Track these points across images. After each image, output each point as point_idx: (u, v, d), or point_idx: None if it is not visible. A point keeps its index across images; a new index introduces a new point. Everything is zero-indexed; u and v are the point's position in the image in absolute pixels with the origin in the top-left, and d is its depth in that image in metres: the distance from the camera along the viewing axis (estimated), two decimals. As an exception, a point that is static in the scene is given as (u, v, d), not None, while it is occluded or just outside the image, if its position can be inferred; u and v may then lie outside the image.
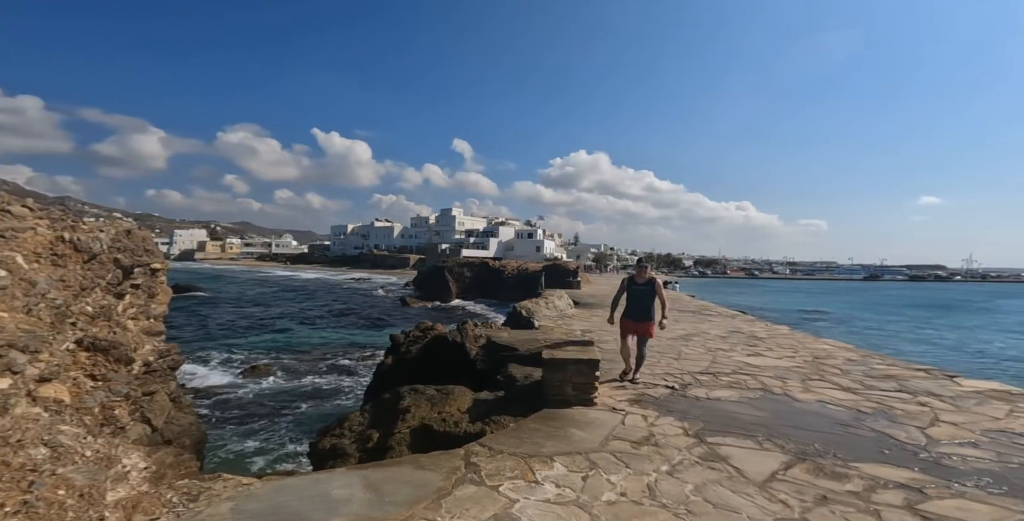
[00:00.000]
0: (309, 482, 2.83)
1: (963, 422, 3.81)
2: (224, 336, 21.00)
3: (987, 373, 14.03)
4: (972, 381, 5.25)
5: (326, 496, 2.64)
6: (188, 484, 2.55)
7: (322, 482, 2.82)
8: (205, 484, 2.60)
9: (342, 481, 2.83)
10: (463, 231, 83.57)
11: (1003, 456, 3.11)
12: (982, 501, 2.53)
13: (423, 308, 34.22)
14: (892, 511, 2.45)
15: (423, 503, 2.59)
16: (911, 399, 4.49)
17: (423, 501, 2.61)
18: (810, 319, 32.04)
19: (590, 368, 4.14)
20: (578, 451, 3.29)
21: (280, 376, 14.08)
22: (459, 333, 8.19)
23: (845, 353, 7.09)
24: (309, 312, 30.46)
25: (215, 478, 2.74)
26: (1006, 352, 21.06)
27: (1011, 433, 3.53)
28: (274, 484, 2.76)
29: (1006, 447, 3.26)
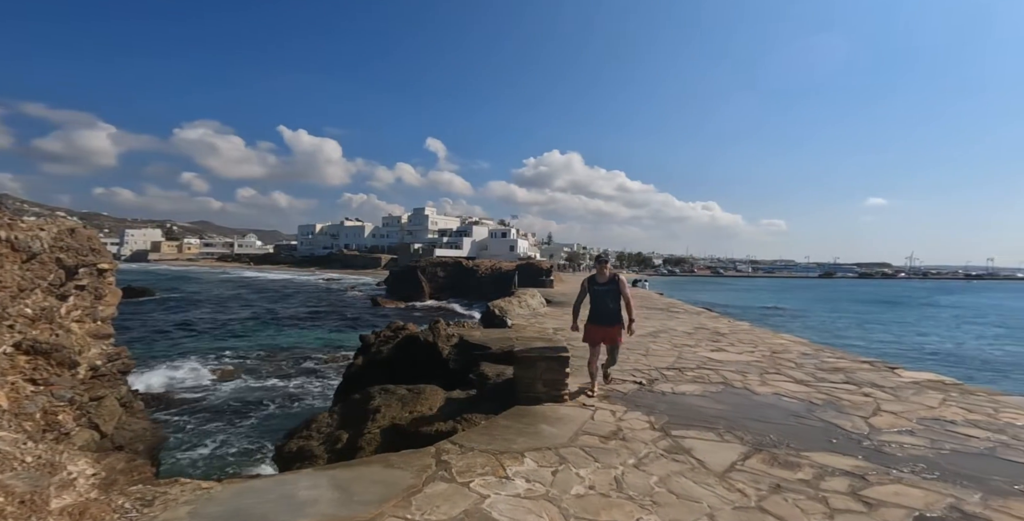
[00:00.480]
0: (273, 484, 2.76)
1: (902, 411, 4.08)
2: (186, 339, 20.07)
3: (924, 364, 15.03)
4: (911, 372, 5.64)
5: (291, 497, 2.58)
6: (142, 489, 2.44)
7: (287, 484, 2.75)
8: (160, 489, 2.50)
9: (308, 482, 2.77)
10: (436, 231, 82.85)
11: (936, 443, 3.35)
12: (916, 486, 2.72)
13: (395, 308, 33.70)
14: (838, 497, 2.61)
15: (393, 501, 2.57)
16: (857, 390, 4.78)
17: (393, 499, 2.59)
18: (769, 315, 33.45)
19: (560, 365, 4.20)
20: (548, 446, 3.34)
21: (245, 379, 13.58)
22: (431, 333, 8.13)
23: (800, 347, 7.46)
24: (276, 313, 29.48)
25: (171, 483, 2.63)
26: (942, 344, 22.65)
27: (943, 421, 3.81)
28: (236, 487, 2.68)
29: (939, 434, 3.52)
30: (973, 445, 3.29)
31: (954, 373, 6.29)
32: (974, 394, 4.62)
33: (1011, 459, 3.05)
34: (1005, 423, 3.72)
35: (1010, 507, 2.44)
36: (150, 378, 13.10)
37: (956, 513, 2.40)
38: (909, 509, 2.45)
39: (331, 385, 12.25)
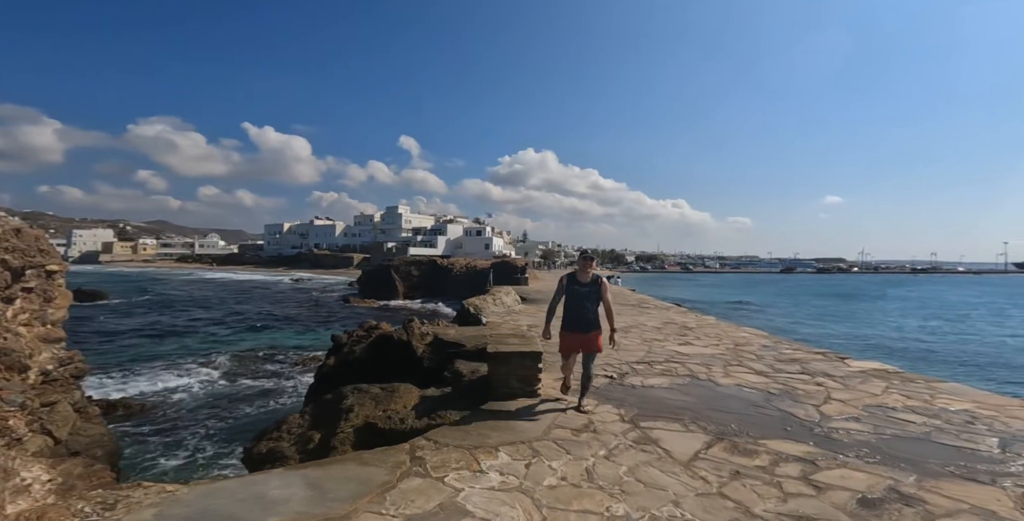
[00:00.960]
0: (243, 484, 2.72)
1: (849, 399, 4.37)
2: (149, 344, 19.17)
3: (873, 353, 15.97)
4: (858, 362, 6.02)
5: (262, 497, 2.56)
6: (103, 494, 2.37)
7: (257, 484, 2.72)
8: (123, 492, 2.43)
9: (280, 482, 2.75)
10: (410, 229, 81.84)
11: (878, 428, 3.61)
12: (860, 470, 2.92)
13: (368, 308, 33.16)
14: (791, 482, 2.78)
15: (367, 497, 2.59)
16: (810, 380, 5.08)
17: (367, 495, 2.61)
18: (735, 309, 34.72)
19: (533, 360, 4.29)
20: (522, 440, 3.41)
21: (212, 382, 13.13)
22: (405, 332, 8.07)
23: (760, 340, 7.83)
24: (244, 315, 28.51)
25: (134, 487, 2.56)
26: (888, 334, 24.12)
27: (886, 408, 4.11)
28: (203, 488, 2.63)
29: (881, 420, 3.79)
30: (911, 430, 3.57)
31: (897, 361, 6.76)
32: (913, 381, 4.99)
33: (944, 442, 3.32)
34: (939, 408, 4.04)
35: (941, 487, 2.66)
36: (113, 383, 12.49)
37: (894, 494, 2.60)
38: (853, 491, 2.64)
39: (302, 386, 11.99)
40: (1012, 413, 3.86)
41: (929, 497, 2.56)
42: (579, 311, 4.02)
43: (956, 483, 2.70)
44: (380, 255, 63.02)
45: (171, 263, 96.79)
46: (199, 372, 14.04)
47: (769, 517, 2.40)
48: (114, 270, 77.01)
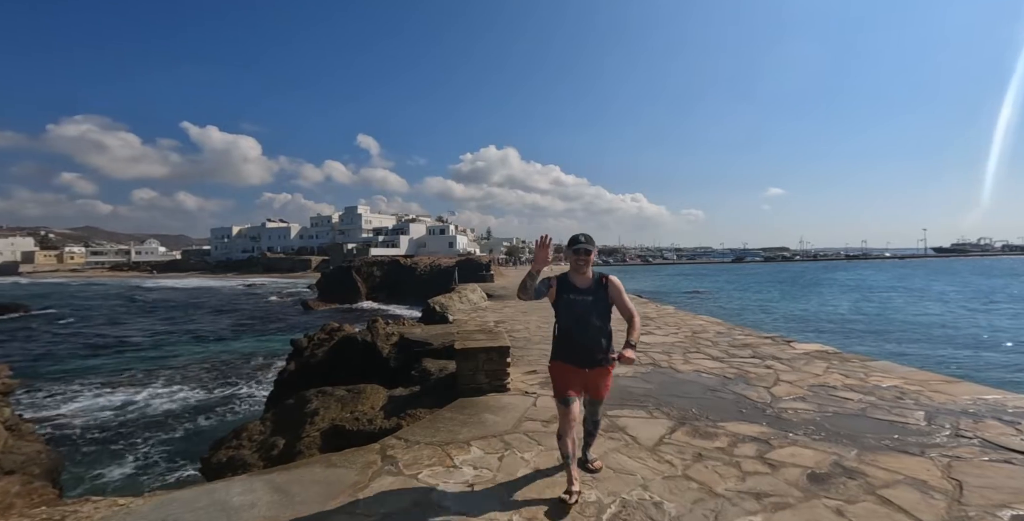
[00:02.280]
0: (202, 493, 2.60)
1: (795, 380, 4.69)
2: (87, 357, 17.67)
3: (814, 336, 17.15)
4: (802, 344, 6.46)
5: (224, 504, 2.45)
6: (48, 511, 2.19)
7: (218, 491, 2.61)
8: (70, 508, 2.26)
9: (243, 488, 2.65)
10: (371, 229, 79.81)
11: (822, 407, 3.88)
12: (808, 447, 3.13)
13: (329, 311, 32.09)
14: (748, 461, 2.96)
15: (338, 499, 2.54)
16: (760, 363, 5.40)
17: (338, 496, 2.56)
18: (691, 298, 36.20)
19: (500, 355, 4.33)
20: (493, 434, 3.44)
21: (159, 395, 12.30)
22: (369, 332, 7.90)
23: (716, 327, 8.25)
24: (191, 324, 26.86)
25: (82, 502, 2.39)
26: (830, 316, 25.98)
27: (827, 386, 4.44)
28: (158, 499, 2.49)
29: (824, 399, 4.09)
30: (849, 407, 3.88)
31: (835, 341, 7.31)
32: (850, 361, 5.42)
33: (878, 418, 3.62)
34: (873, 386, 4.41)
35: (879, 461, 2.89)
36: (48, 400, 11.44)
37: (839, 469, 2.81)
38: (804, 467, 2.83)
39: (261, 395, 11.47)
40: (935, 387, 4.28)
41: (869, 470, 2.78)
42: (579, 333, 2.59)
43: (891, 456, 2.96)
44: (340, 257, 61.12)
45: (103, 272, 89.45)
46: (145, 385, 13.11)
47: (730, 495, 2.55)
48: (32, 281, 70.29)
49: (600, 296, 2.66)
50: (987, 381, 5.15)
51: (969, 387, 4.29)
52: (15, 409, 9.68)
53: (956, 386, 4.33)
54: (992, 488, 2.49)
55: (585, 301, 2.62)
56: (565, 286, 2.67)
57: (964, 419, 3.49)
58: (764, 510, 2.40)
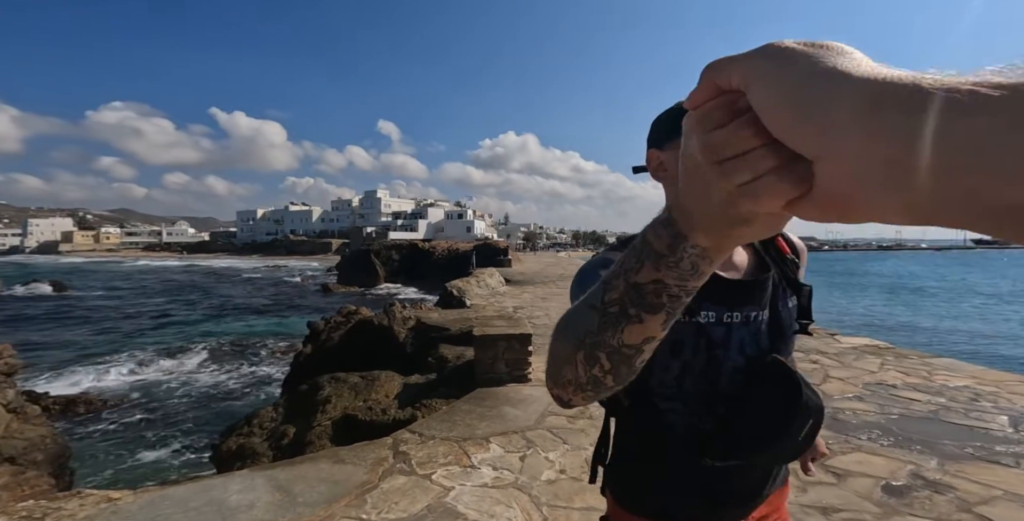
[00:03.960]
0: (198, 490, 2.38)
1: (847, 377, 4.24)
2: (113, 335, 18.25)
3: (860, 329, 16.28)
4: (848, 338, 5.93)
5: (220, 504, 2.23)
6: (31, 506, 2.01)
7: (215, 488, 2.38)
8: (55, 504, 2.07)
9: (242, 485, 2.42)
10: (390, 214, 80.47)
11: (884, 408, 3.47)
12: (877, 453, 2.76)
13: (348, 293, 32.42)
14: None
15: (344, 500, 2.29)
16: (804, 358, 4.94)
17: (344, 498, 2.31)
18: None
19: (522, 343, 4.01)
20: (514, 430, 3.15)
21: (180, 374, 12.52)
22: (386, 316, 7.71)
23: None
24: (216, 303, 27.52)
25: (70, 496, 2.19)
26: (872, 309, 24.87)
27: (886, 385, 3.99)
28: (150, 496, 2.28)
29: (884, 399, 3.66)
30: (917, 409, 3.44)
31: (883, 336, 6.74)
32: (907, 357, 4.91)
33: (954, 422, 3.18)
34: (940, 385, 3.94)
35: (966, 472, 2.50)
36: (69, 379, 11.78)
37: (919, 480, 2.43)
38: (876, 478, 2.46)
39: (277, 376, 11.56)
40: (1013, 389, 3.79)
41: (957, 483, 2.39)
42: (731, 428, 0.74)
43: (980, 466, 2.55)
44: (359, 240, 61.77)
45: (137, 252, 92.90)
46: (166, 364, 13.39)
47: (792, 509, 2.20)
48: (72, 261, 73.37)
49: (785, 302, 0.83)
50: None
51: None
52: (40, 387, 9.93)
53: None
54: None
55: (756, 325, 0.79)
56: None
57: (1058, 426, 3.03)
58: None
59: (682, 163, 0.34)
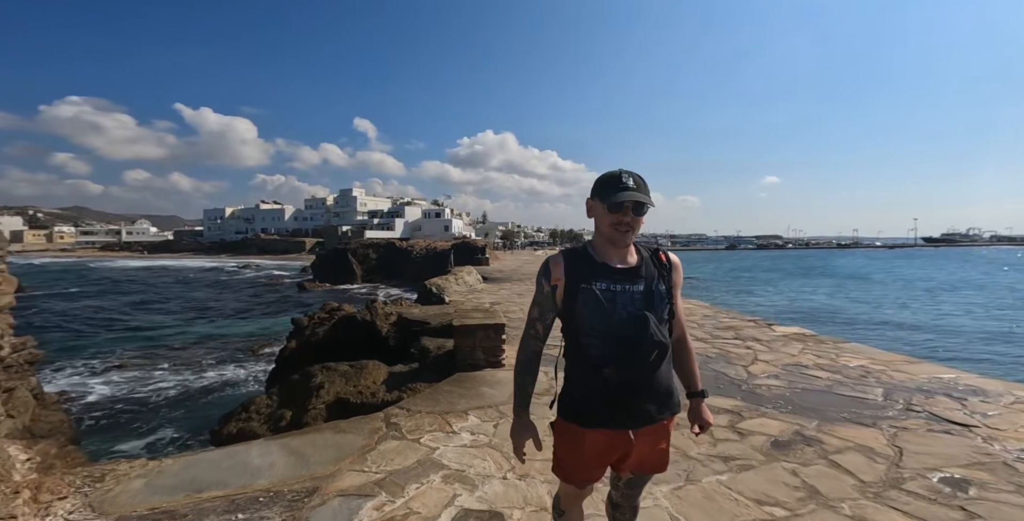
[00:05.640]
0: (224, 455, 2.86)
1: (772, 359, 5.00)
2: (75, 337, 17.83)
3: (796, 320, 17.76)
4: (782, 327, 6.79)
5: (246, 464, 2.72)
6: (87, 469, 2.44)
7: (239, 454, 2.87)
8: (107, 467, 2.51)
9: (260, 451, 2.91)
10: (366, 212, 79.72)
11: (792, 384, 4.19)
12: (775, 418, 3.43)
13: (324, 292, 32.28)
14: (720, 430, 3.24)
15: (348, 459, 2.82)
16: (741, 344, 5.71)
17: (348, 457, 2.83)
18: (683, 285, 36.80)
19: (496, 332, 4.59)
20: (489, 405, 3.72)
21: (159, 374, 12.56)
22: (368, 312, 8.14)
23: (703, 310, 8.59)
24: (186, 303, 27.01)
25: (116, 462, 2.64)
26: (813, 301, 26.80)
27: (800, 366, 4.75)
28: (185, 460, 2.75)
29: (795, 377, 4.39)
30: (817, 384, 4.18)
31: (816, 326, 7.66)
32: (824, 343, 5.75)
33: (841, 393, 3.91)
34: (842, 365, 4.73)
35: (835, 431, 3.18)
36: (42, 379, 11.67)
37: (799, 437, 3.10)
38: (768, 436, 3.12)
39: (259, 373, 11.78)
40: (897, 367, 4.61)
41: (825, 438, 3.07)
42: (625, 359, 1.31)
43: (847, 426, 3.26)
44: (334, 239, 61.04)
45: (94, 252, 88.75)
46: (143, 366, 13.36)
47: (701, 459, 2.84)
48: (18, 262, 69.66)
49: (658, 286, 1.39)
50: (948, 362, 5.51)
51: (929, 367, 4.62)
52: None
53: (917, 366, 4.66)
54: (928, 454, 2.80)
55: (632, 294, 1.35)
56: (587, 267, 1.38)
57: (917, 395, 3.80)
58: (730, 471, 2.69)
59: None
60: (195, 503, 2.23)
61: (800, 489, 2.46)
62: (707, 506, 2.36)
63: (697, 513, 2.29)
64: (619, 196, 1.31)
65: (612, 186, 1.33)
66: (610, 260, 1.38)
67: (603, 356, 1.32)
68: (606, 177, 1.36)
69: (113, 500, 2.20)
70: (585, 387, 1.39)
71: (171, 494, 2.30)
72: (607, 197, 1.33)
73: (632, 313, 1.32)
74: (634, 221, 1.34)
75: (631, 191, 1.31)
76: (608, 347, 1.31)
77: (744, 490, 2.48)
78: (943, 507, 2.23)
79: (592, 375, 1.35)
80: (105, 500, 2.19)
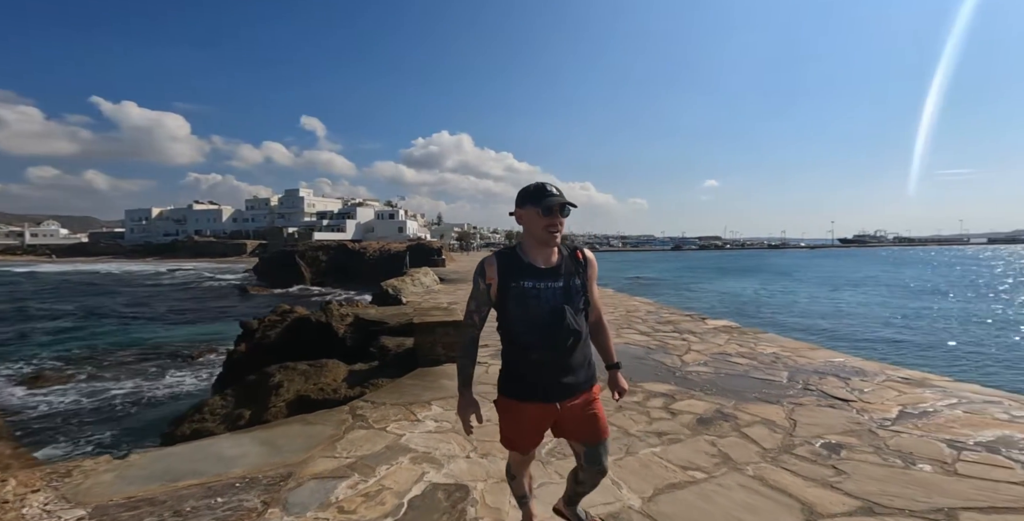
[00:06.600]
0: (193, 449, 2.93)
1: (703, 349, 5.63)
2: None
3: (725, 314, 19.60)
4: (714, 321, 7.56)
5: (218, 455, 2.82)
6: (51, 466, 2.45)
7: (209, 446, 2.96)
8: (72, 464, 2.53)
9: (231, 443, 3.01)
10: (314, 213, 76.70)
11: (718, 370, 4.76)
12: (702, 399, 3.92)
13: (270, 296, 30.76)
14: (656, 410, 3.69)
15: (319, 447, 2.99)
16: (678, 336, 6.35)
17: (319, 445, 3.01)
18: (631, 283, 38.68)
19: (456, 329, 4.84)
20: (451, 395, 3.98)
21: (86, 383, 11.59)
22: (324, 313, 8.09)
23: (647, 307, 9.30)
24: (109, 310, 24.82)
25: (80, 460, 2.64)
26: (742, 297, 29.34)
27: (725, 354, 5.39)
28: (153, 454, 2.80)
29: (720, 364, 4.99)
30: (737, 369, 4.79)
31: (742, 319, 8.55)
32: (746, 334, 6.51)
33: (755, 376, 4.52)
34: (758, 353, 5.42)
35: (747, 408, 3.71)
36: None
37: (719, 414, 3.60)
38: (695, 414, 3.60)
39: (202, 380, 11.23)
40: (801, 353, 5.36)
41: (739, 415, 3.59)
42: (547, 345, 1.63)
43: (756, 404, 3.82)
44: (280, 241, 58.24)
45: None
46: (71, 376, 12.26)
47: (639, 434, 3.27)
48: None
49: (574, 282, 1.66)
50: (841, 348, 6.42)
51: (826, 353, 5.41)
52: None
53: (816, 352, 5.44)
54: (816, 425, 3.38)
55: (553, 290, 1.62)
56: (516, 268, 1.63)
57: (813, 376, 4.48)
58: (662, 444, 3.13)
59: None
60: (172, 491, 2.34)
61: (716, 456, 2.92)
62: (643, 473, 2.76)
63: (634, 478, 2.69)
64: (550, 201, 1.57)
65: (541, 195, 1.60)
66: (535, 261, 1.64)
67: (530, 342, 1.61)
68: (533, 189, 1.62)
69: (87, 491, 2.26)
70: (517, 368, 1.69)
71: (145, 484, 2.38)
72: (540, 203, 1.58)
73: (553, 306, 1.59)
74: (561, 223, 1.62)
75: (557, 196, 1.59)
76: (534, 335, 1.60)
77: (673, 459, 2.91)
78: (820, 467, 2.75)
79: (522, 358, 1.66)
80: (78, 492, 2.24)
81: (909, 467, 2.68)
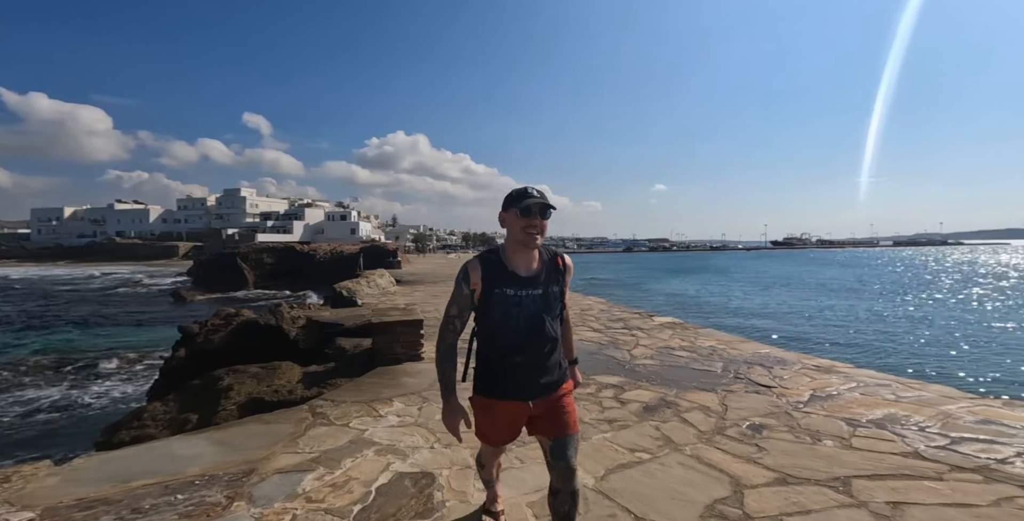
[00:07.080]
0: (142, 450, 2.83)
1: (649, 344, 6.04)
2: None
3: (670, 310, 21.06)
4: (660, 318, 8.08)
5: (171, 455, 2.75)
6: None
7: (160, 448, 2.87)
8: (9, 470, 2.38)
9: (183, 444, 2.94)
10: (257, 214, 72.64)
11: (662, 362, 5.14)
12: (648, 389, 4.25)
13: (208, 301, 28.80)
14: (607, 400, 3.96)
15: (280, 444, 2.98)
16: (628, 332, 6.74)
17: (279, 443, 3.00)
18: (585, 283, 39.97)
19: (415, 327, 4.91)
20: (412, 392, 4.06)
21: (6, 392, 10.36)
22: (273, 316, 7.82)
23: (600, 306, 9.74)
24: (16, 317, 22.24)
25: (17, 466, 2.49)
26: (686, 294, 31.33)
27: (669, 347, 5.83)
28: (99, 458, 2.69)
29: (664, 357, 5.39)
30: (679, 361, 5.21)
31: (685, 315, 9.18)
32: (688, 329, 7.04)
33: (694, 367, 4.94)
34: (698, 346, 5.91)
35: (687, 396, 4.06)
36: None
37: (663, 402, 3.92)
38: (641, 403, 3.90)
39: (138, 385, 10.41)
40: (735, 346, 5.90)
41: (680, 402, 3.94)
42: (528, 351, 1.71)
43: (695, 392, 4.20)
44: (218, 243, 54.59)
45: None
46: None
47: (592, 422, 3.51)
48: None
49: (552, 289, 1.74)
50: (768, 341, 7.13)
51: (754, 345, 6.00)
52: None
53: (747, 344, 6.01)
54: (743, 409, 3.78)
55: (532, 297, 1.69)
56: (499, 275, 1.69)
57: (743, 366, 4.98)
58: (612, 430, 3.39)
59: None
60: (127, 491, 2.28)
61: (660, 439, 3.22)
62: (595, 455, 3.00)
63: (588, 461, 2.91)
64: (528, 202, 1.62)
65: (521, 197, 1.65)
66: (517, 269, 1.69)
67: (509, 346, 1.68)
68: (515, 192, 1.69)
69: (31, 495, 2.15)
70: (496, 370, 1.74)
71: (96, 485, 2.30)
72: (519, 204, 1.63)
73: (533, 312, 1.68)
74: (541, 224, 1.65)
75: (536, 198, 1.64)
76: (513, 339, 1.68)
77: (622, 443, 3.18)
78: (745, 445, 3.11)
79: (500, 360, 1.72)
80: (22, 496, 2.13)
81: (816, 443, 3.10)
